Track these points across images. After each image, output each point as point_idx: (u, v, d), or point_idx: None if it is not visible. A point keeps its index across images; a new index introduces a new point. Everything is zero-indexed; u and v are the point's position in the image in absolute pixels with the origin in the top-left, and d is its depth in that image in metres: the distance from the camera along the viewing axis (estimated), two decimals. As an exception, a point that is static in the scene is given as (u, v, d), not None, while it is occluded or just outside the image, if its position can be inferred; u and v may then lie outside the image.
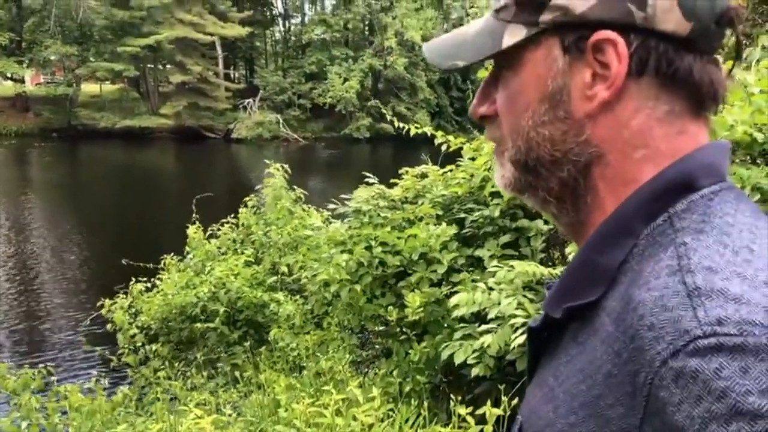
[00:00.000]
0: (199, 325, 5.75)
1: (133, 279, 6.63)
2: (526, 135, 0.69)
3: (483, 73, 4.10)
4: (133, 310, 6.34)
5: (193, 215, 7.16)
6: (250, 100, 41.06)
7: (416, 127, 4.63)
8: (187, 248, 6.97)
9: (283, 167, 6.79)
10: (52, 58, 39.67)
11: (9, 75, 40.36)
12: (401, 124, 4.76)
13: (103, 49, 38.86)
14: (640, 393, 0.54)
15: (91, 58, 39.51)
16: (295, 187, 6.81)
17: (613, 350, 0.57)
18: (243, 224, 7.03)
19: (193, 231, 6.96)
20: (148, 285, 6.58)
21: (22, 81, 40.97)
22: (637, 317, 0.55)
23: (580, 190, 0.69)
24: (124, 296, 6.46)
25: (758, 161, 3.10)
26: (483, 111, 0.74)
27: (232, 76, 47.61)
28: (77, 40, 39.22)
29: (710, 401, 0.49)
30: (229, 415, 3.52)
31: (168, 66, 41.95)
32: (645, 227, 0.63)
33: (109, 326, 6.27)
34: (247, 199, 7.25)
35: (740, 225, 0.60)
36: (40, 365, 4.82)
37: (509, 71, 0.70)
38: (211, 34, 39.96)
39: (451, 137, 4.28)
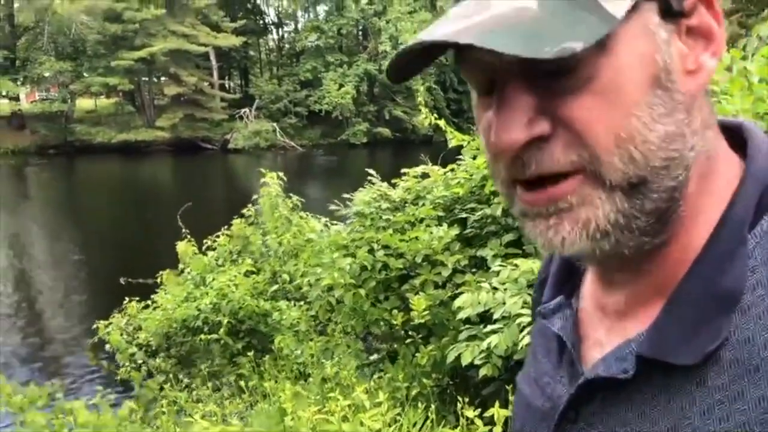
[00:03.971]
0: (203, 336, 5.72)
1: (132, 295, 6.59)
2: (642, 138, 0.51)
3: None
4: (131, 327, 6.29)
5: (183, 230, 7.11)
6: (246, 109, 41.10)
7: (436, 118, 4.62)
8: (181, 265, 6.92)
9: (278, 175, 6.72)
10: (47, 74, 39.71)
11: (4, 93, 40.39)
12: (423, 115, 4.73)
13: (97, 63, 38.87)
14: None
15: (85, 73, 39.54)
16: (292, 195, 6.78)
17: None
18: (238, 236, 7.00)
19: (182, 247, 6.91)
20: (147, 303, 6.53)
21: (17, 99, 40.99)
22: None
23: (679, 200, 0.55)
24: (120, 315, 6.42)
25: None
26: (539, 131, 0.52)
27: (227, 86, 47.68)
28: (71, 55, 39.26)
29: None
30: (236, 426, 3.48)
31: (162, 78, 42.02)
32: (748, 234, 0.54)
33: (108, 347, 6.25)
34: (245, 210, 7.22)
35: None
36: (46, 383, 4.78)
37: (597, 57, 0.50)
38: (205, 45, 40.00)
39: (457, 134, 4.28)
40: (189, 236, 7.07)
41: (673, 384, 0.54)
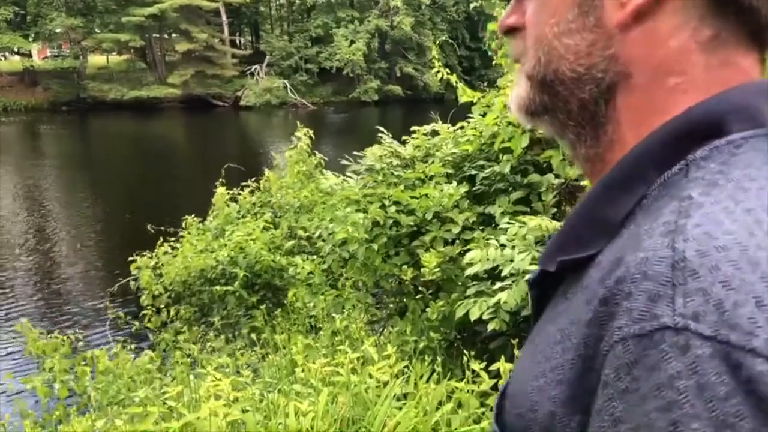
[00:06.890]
0: (218, 287, 5.84)
1: (153, 245, 6.74)
2: (548, 45, 0.61)
3: (494, 26, 4.06)
4: (158, 271, 6.47)
5: (221, 178, 7.30)
6: (257, 66, 40.80)
7: (447, 74, 4.60)
8: (211, 211, 7.13)
9: (308, 132, 6.91)
10: (58, 30, 39.49)
11: (16, 49, 40.26)
12: (436, 69, 4.69)
13: (108, 19, 38.60)
14: (596, 363, 0.48)
15: (97, 30, 39.29)
16: (316, 152, 6.91)
17: (592, 310, 0.49)
18: (264, 188, 7.15)
19: (219, 193, 7.10)
20: (171, 247, 6.71)
21: (29, 55, 40.87)
22: (616, 279, 0.48)
23: (601, 117, 0.60)
24: (150, 257, 6.58)
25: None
26: (512, 21, 0.66)
27: (238, 42, 47.26)
28: (81, 11, 38.96)
29: (652, 407, 0.42)
30: (248, 377, 3.58)
31: (173, 35, 41.69)
32: (658, 175, 0.53)
33: (132, 284, 6.43)
34: (275, 154, 7.37)
35: (764, 180, 0.49)
36: (69, 332, 4.92)
37: None
38: (215, 0, 39.55)
39: (468, 90, 4.27)
40: (219, 187, 7.23)
41: (557, 295, 0.59)
